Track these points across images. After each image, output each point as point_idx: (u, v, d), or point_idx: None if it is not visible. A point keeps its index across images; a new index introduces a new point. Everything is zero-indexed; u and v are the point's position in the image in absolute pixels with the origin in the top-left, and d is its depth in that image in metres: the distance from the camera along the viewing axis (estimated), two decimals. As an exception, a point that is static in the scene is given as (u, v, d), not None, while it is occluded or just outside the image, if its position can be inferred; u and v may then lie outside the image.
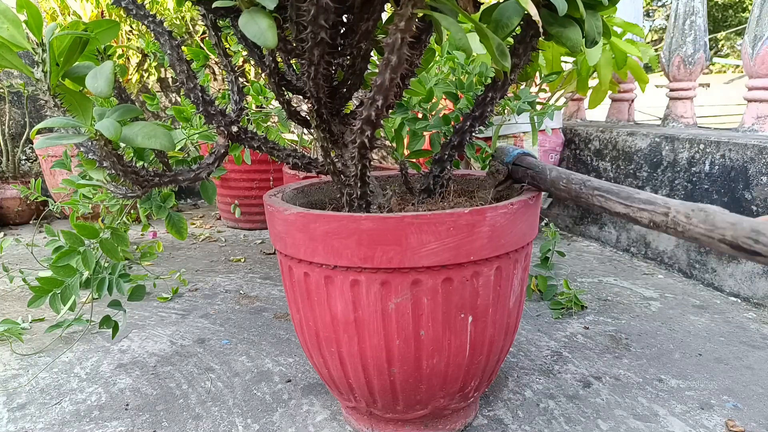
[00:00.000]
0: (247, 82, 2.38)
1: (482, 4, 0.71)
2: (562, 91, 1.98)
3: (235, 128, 0.84)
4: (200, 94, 0.80)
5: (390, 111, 0.70)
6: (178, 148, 1.19)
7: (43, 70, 0.73)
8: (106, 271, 1.11)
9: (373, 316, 0.71)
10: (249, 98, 1.60)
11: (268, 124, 1.65)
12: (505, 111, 1.62)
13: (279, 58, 0.83)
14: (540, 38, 0.74)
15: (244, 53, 1.79)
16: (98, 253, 1.09)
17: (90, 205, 1.21)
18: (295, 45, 0.71)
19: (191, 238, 2.21)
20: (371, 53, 0.78)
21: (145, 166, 0.93)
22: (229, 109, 0.85)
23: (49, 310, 1.41)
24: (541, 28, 0.66)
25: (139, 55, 2.63)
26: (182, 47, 0.80)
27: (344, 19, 0.74)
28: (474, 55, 1.36)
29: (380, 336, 0.72)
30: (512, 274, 0.76)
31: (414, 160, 1.18)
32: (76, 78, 0.77)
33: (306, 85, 0.74)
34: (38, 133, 2.23)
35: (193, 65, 1.39)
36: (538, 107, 1.46)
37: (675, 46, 1.93)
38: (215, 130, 0.84)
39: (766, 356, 1.11)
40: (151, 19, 0.78)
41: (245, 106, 0.89)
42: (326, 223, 0.69)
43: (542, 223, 2.19)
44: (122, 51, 2.52)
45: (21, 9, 0.72)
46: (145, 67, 2.68)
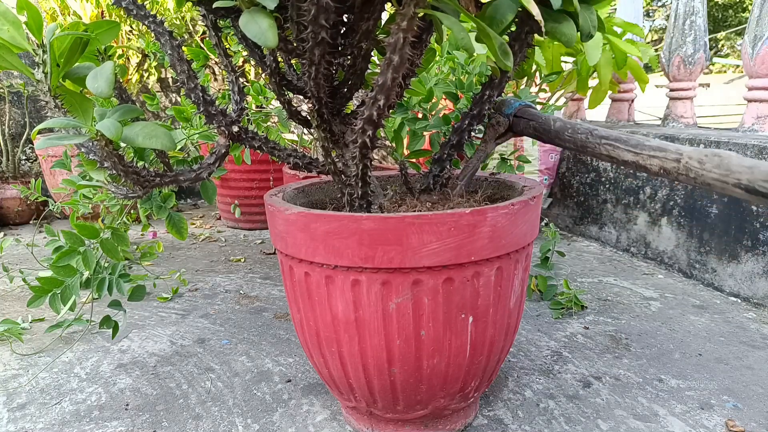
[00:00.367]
0: (247, 82, 2.38)
1: (483, 4, 0.71)
2: (562, 91, 1.98)
3: (236, 128, 0.84)
4: (201, 94, 0.80)
5: (390, 111, 0.70)
6: (179, 149, 1.19)
7: (44, 71, 0.73)
8: (106, 271, 1.11)
9: (374, 316, 0.71)
10: (249, 98, 1.60)
11: (268, 124, 1.65)
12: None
13: (280, 58, 0.83)
14: (536, 34, 0.74)
15: (244, 53, 1.79)
16: (98, 253, 1.09)
17: (90, 205, 1.21)
18: (295, 45, 0.71)
19: (191, 238, 2.21)
20: (372, 53, 0.78)
21: (146, 166, 0.93)
22: (230, 109, 0.85)
23: (49, 310, 1.41)
24: (541, 26, 0.66)
25: (139, 56, 2.63)
26: (182, 47, 0.80)
27: (345, 19, 0.74)
28: (474, 54, 1.36)
29: (381, 336, 0.72)
30: (513, 274, 0.76)
31: (414, 160, 1.19)
32: (77, 79, 0.77)
33: (307, 84, 0.74)
34: (39, 134, 2.23)
35: (194, 65, 1.39)
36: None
37: (675, 46, 1.93)
38: (216, 130, 0.84)
39: (766, 356, 1.11)
40: (152, 19, 0.78)
41: (246, 106, 0.89)
42: (327, 222, 0.69)
43: (542, 223, 2.19)
44: (122, 51, 2.52)
45: (21, 10, 0.72)
46: (145, 67, 2.68)
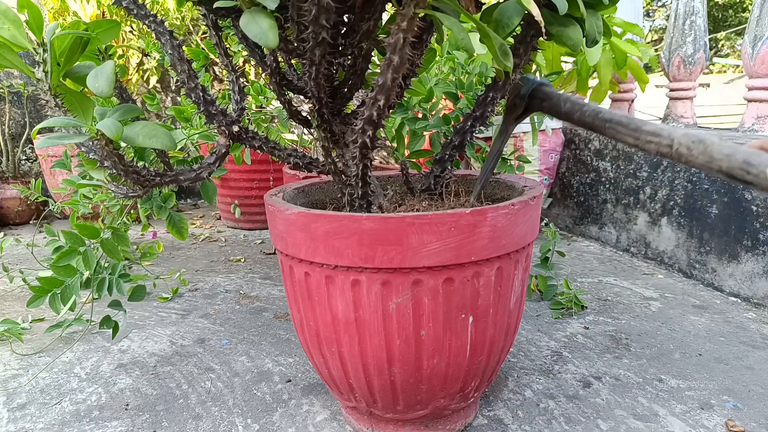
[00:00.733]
0: (247, 82, 2.38)
1: (484, 4, 0.71)
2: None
3: (236, 128, 0.84)
4: (201, 93, 0.80)
5: (390, 111, 0.70)
6: (179, 148, 1.19)
7: (44, 70, 0.73)
8: (106, 271, 1.11)
9: (374, 316, 0.71)
10: (249, 98, 1.60)
11: (268, 124, 1.65)
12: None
13: (280, 58, 0.83)
14: (540, 38, 0.74)
15: (244, 53, 1.79)
16: (98, 253, 1.09)
17: (90, 205, 1.21)
18: (296, 45, 0.71)
19: (191, 238, 2.21)
20: (372, 53, 0.78)
21: (146, 165, 0.93)
22: (230, 109, 0.85)
23: (49, 310, 1.41)
24: (543, 28, 0.66)
25: (140, 55, 2.62)
26: (183, 47, 0.80)
27: (345, 19, 0.74)
28: (474, 55, 1.36)
29: (381, 336, 0.72)
30: (513, 274, 0.76)
31: (414, 160, 1.19)
32: (77, 78, 0.77)
33: (307, 85, 0.74)
34: (39, 133, 2.23)
35: (194, 65, 1.39)
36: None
37: (675, 46, 1.93)
38: (216, 130, 0.84)
39: (766, 356, 1.11)
40: (152, 18, 0.78)
41: (246, 106, 0.89)
42: (327, 222, 0.69)
43: (542, 223, 2.19)
44: (122, 51, 2.52)
45: (22, 9, 0.72)
46: (146, 67, 2.68)
